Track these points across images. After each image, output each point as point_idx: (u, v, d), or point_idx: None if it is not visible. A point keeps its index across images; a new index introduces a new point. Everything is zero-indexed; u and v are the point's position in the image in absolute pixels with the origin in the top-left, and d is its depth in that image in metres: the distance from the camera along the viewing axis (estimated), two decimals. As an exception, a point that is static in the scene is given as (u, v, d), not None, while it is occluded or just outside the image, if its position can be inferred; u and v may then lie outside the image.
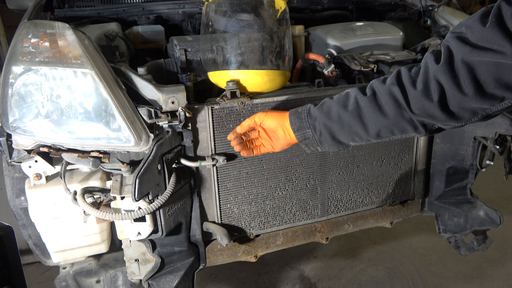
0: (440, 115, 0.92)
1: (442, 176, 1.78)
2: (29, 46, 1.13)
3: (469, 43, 0.84)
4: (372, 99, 1.00)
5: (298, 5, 2.09)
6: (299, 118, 1.15)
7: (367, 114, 1.01)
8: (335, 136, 1.09)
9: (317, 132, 1.11)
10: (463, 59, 0.84)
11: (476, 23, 0.83)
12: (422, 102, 0.92)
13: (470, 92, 0.85)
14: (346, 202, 1.69)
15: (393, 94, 0.96)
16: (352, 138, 1.08)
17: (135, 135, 1.17)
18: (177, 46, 1.55)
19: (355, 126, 1.04)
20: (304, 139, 1.15)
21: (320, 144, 1.13)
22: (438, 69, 0.88)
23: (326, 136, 1.10)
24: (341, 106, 1.06)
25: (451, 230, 1.89)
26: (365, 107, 1.01)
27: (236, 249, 1.59)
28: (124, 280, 1.56)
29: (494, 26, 0.79)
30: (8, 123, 1.12)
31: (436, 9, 1.98)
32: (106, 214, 1.17)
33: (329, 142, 1.11)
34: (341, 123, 1.06)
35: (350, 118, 1.04)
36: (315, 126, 1.11)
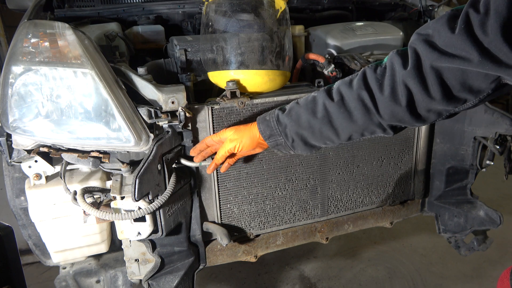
0: (408, 119, 0.94)
1: (442, 176, 1.78)
2: (29, 46, 1.13)
3: (437, 49, 0.85)
4: (341, 105, 1.01)
5: (298, 5, 2.09)
6: (268, 126, 1.16)
7: (337, 120, 1.03)
8: (307, 141, 1.11)
9: (289, 138, 1.13)
10: (431, 65, 0.87)
11: (444, 28, 0.84)
12: (390, 107, 0.94)
13: (437, 96, 0.88)
14: (346, 202, 1.69)
15: (362, 99, 0.97)
16: (324, 142, 1.10)
17: (135, 135, 1.17)
18: (177, 46, 1.55)
19: (326, 132, 1.06)
20: (276, 145, 1.17)
21: (292, 148, 1.15)
22: (406, 74, 0.90)
23: (298, 142, 1.12)
24: (310, 113, 1.07)
25: (451, 230, 1.89)
26: (334, 113, 1.02)
27: (236, 249, 1.59)
28: (124, 280, 1.56)
29: (462, 34, 0.80)
30: (8, 123, 1.12)
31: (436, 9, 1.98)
32: (106, 214, 1.17)
33: (302, 147, 1.13)
34: (311, 130, 1.08)
35: (320, 124, 1.05)
36: (286, 133, 1.12)
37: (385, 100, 0.94)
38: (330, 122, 1.04)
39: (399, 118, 0.96)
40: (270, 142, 1.17)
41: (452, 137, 1.70)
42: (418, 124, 0.97)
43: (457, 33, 0.81)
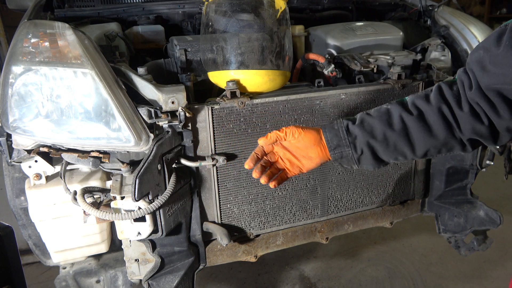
0: (488, 136, 0.92)
1: (442, 176, 1.78)
2: (29, 46, 1.13)
3: (487, 69, 0.84)
4: (420, 119, 0.97)
5: (298, 5, 2.09)
6: (336, 135, 1.06)
7: (415, 134, 0.98)
8: (378, 155, 1.04)
9: (357, 151, 1.04)
10: (487, 86, 0.85)
11: (492, 46, 0.83)
12: (472, 123, 0.91)
13: (506, 115, 0.86)
14: (346, 202, 1.69)
15: (443, 113, 0.94)
16: (396, 157, 1.03)
17: (135, 135, 1.17)
18: (177, 46, 1.55)
19: (402, 146, 1.00)
20: (341, 157, 1.06)
21: (358, 162, 1.06)
22: (473, 95, 0.88)
23: (367, 155, 1.04)
24: (385, 124, 1.01)
25: (451, 230, 1.89)
26: (413, 127, 0.98)
27: (236, 249, 1.59)
28: (124, 280, 1.56)
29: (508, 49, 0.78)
30: (8, 123, 1.12)
31: (436, 9, 1.98)
32: (106, 214, 1.17)
33: (370, 161, 1.05)
34: (386, 143, 1.01)
35: (396, 138, 1.00)
36: (355, 144, 1.04)
37: (465, 116, 0.92)
38: (408, 136, 0.99)
39: (481, 134, 0.92)
40: (335, 153, 1.06)
41: (452, 137, 1.70)
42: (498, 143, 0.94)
43: (502, 49, 0.80)
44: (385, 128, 1.01)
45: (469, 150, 0.98)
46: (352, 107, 1.55)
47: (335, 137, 1.06)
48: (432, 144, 0.98)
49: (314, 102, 1.49)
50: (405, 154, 1.02)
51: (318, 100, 1.50)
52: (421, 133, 0.97)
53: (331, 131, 1.07)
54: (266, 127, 1.45)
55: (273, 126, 1.46)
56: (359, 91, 1.54)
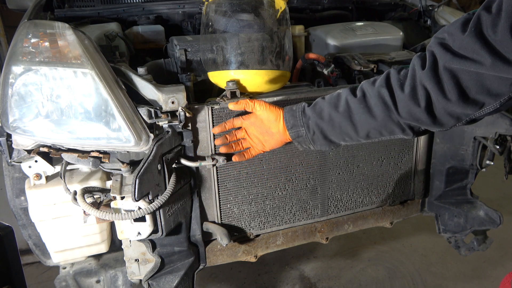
0: (426, 120, 0.94)
1: (442, 176, 1.78)
2: (29, 46, 1.13)
3: (450, 51, 0.85)
4: (362, 101, 1.03)
5: (298, 5, 2.09)
6: (293, 116, 1.16)
7: (357, 115, 1.04)
8: (327, 136, 1.12)
9: (310, 131, 1.14)
10: (445, 66, 0.87)
11: (457, 31, 0.84)
12: (409, 106, 0.95)
13: (453, 97, 0.88)
14: (346, 202, 1.69)
15: (382, 96, 0.98)
16: (343, 138, 1.11)
17: (135, 135, 1.17)
18: (177, 46, 1.55)
19: (346, 127, 1.07)
20: (297, 136, 1.17)
21: (312, 142, 1.15)
22: (423, 74, 0.90)
23: (318, 135, 1.13)
24: (332, 106, 1.08)
25: (451, 230, 1.89)
26: (355, 108, 1.04)
27: (236, 249, 1.59)
28: (124, 280, 1.56)
29: (473, 35, 0.80)
30: (8, 123, 1.12)
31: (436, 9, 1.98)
32: (106, 214, 1.17)
33: (321, 141, 1.14)
34: (332, 124, 1.09)
35: (341, 119, 1.07)
36: (308, 125, 1.13)
37: (404, 99, 0.95)
38: (350, 117, 1.05)
39: (417, 117, 0.96)
40: (292, 132, 1.17)
41: (452, 137, 1.70)
42: (436, 127, 0.97)
43: (467, 35, 0.81)
44: (331, 110, 1.08)
45: (409, 134, 1.01)
46: (352, 107, 1.55)
47: (292, 117, 1.17)
48: (372, 126, 1.03)
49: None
50: (350, 135, 1.08)
51: (318, 100, 1.50)
52: (361, 115, 1.03)
53: (290, 111, 1.18)
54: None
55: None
56: (359, 91, 1.54)
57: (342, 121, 1.07)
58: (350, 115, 1.05)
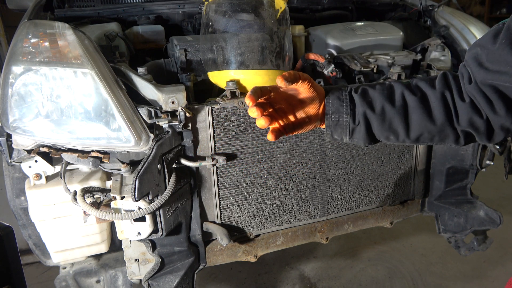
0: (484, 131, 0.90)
1: (442, 176, 1.78)
2: (29, 46, 1.13)
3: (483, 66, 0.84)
4: (422, 101, 0.94)
5: (298, 5, 2.09)
6: (339, 99, 0.97)
7: (414, 114, 0.94)
8: (370, 130, 0.98)
9: (356, 120, 0.97)
10: (482, 82, 0.85)
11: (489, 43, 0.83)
12: (470, 115, 0.90)
13: (502, 112, 0.85)
14: (346, 202, 1.69)
15: (445, 99, 0.92)
16: (387, 135, 0.98)
17: (135, 135, 1.17)
18: (177, 46, 1.55)
19: (397, 124, 0.95)
20: (336, 124, 0.98)
21: (350, 134, 0.99)
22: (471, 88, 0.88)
23: (361, 128, 0.97)
24: (386, 99, 0.96)
25: (451, 230, 1.89)
26: (414, 107, 0.94)
27: (236, 249, 1.59)
28: (124, 280, 1.56)
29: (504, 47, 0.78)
30: (8, 123, 1.12)
31: (436, 9, 1.98)
32: (106, 214, 1.17)
33: (362, 135, 0.98)
34: (382, 118, 0.96)
35: (394, 114, 0.95)
36: (355, 113, 0.97)
37: (465, 107, 0.90)
38: (406, 115, 0.95)
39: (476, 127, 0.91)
40: (332, 118, 0.98)
41: (452, 137, 1.70)
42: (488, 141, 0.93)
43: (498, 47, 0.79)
44: (385, 102, 0.96)
45: (461, 143, 0.96)
46: (352, 107, 1.55)
47: (337, 100, 0.98)
48: (428, 129, 0.95)
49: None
50: (398, 134, 0.97)
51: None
52: (420, 115, 0.94)
53: (335, 92, 0.99)
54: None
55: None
56: (359, 91, 1.54)
57: (395, 117, 0.95)
58: (406, 113, 0.94)
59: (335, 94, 0.98)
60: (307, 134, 1.52)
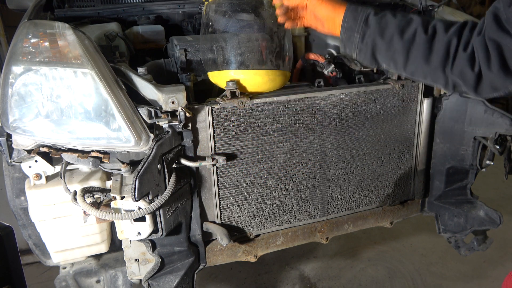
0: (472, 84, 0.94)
1: (442, 176, 1.78)
2: (29, 46, 1.13)
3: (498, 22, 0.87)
4: (429, 40, 0.99)
5: (298, 5, 2.09)
6: (354, 19, 1.10)
7: (416, 51, 1.01)
8: (375, 53, 1.08)
9: (364, 41, 1.08)
10: (489, 36, 0.88)
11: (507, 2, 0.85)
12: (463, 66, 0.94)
13: (495, 68, 0.88)
14: (346, 202, 1.69)
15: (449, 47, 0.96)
16: (389, 62, 1.07)
17: (135, 135, 1.17)
18: (177, 46, 1.55)
19: (399, 55, 1.03)
20: (348, 40, 1.12)
21: (358, 52, 1.11)
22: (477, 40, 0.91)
23: (368, 49, 1.08)
24: (398, 30, 1.03)
25: (451, 230, 1.89)
26: (419, 44, 1.00)
27: (236, 249, 1.59)
28: (124, 280, 1.56)
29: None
30: (8, 123, 1.12)
31: (436, 9, 1.98)
32: (106, 214, 1.17)
33: (367, 55, 1.10)
34: (389, 46, 1.04)
35: (399, 46, 1.03)
36: (365, 34, 1.08)
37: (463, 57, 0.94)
38: (409, 49, 1.02)
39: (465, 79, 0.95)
40: (345, 34, 1.12)
41: (452, 137, 1.70)
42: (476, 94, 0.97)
43: None
44: (396, 32, 1.03)
45: (450, 89, 1.02)
46: (352, 107, 1.55)
47: (353, 20, 1.10)
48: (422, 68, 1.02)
49: (314, 102, 1.49)
50: (397, 63, 1.06)
51: (318, 100, 1.50)
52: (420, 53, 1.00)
53: (353, 12, 1.11)
54: (266, 127, 1.45)
55: (273, 126, 1.46)
56: (359, 91, 1.54)
57: (400, 48, 1.03)
58: (410, 47, 1.01)
59: (353, 13, 1.11)
60: (307, 134, 1.52)
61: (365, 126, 1.60)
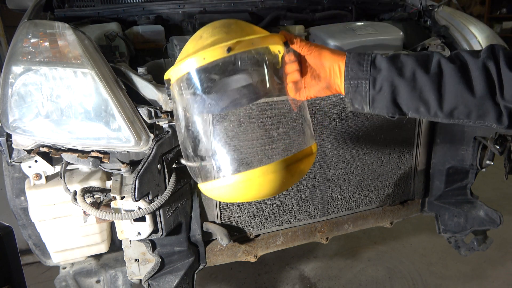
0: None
1: (442, 176, 1.78)
2: (29, 46, 1.13)
3: None
4: (460, 69, 0.85)
5: (298, 5, 2.09)
6: (359, 63, 0.92)
7: (449, 83, 0.86)
8: (397, 99, 0.90)
9: (376, 87, 0.90)
10: None
11: None
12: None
13: None
14: (346, 202, 1.69)
15: (488, 69, 0.83)
16: (417, 107, 0.89)
17: (135, 135, 1.17)
18: (177, 46, 1.55)
19: (429, 93, 0.87)
20: (354, 91, 0.93)
21: (371, 102, 0.92)
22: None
23: (385, 95, 0.90)
24: (419, 65, 0.88)
25: (451, 230, 1.89)
26: (450, 75, 0.86)
27: (236, 249, 1.59)
28: (124, 280, 1.56)
29: None
30: (8, 123, 1.12)
31: (436, 9, 1.98)
32: (106, 214, 1.17)
33: (386, 103, 0.91)
34: (413, 84, 0.88)
35: (427, 81, 0.87)
36: (376, 78, 0.90)
37: None
38: (440, 83, 0.86)
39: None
40: (351, 84, 0.92)
41: (452, 137, 1.70)
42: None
43: None
44: (418, 67, 0.88)
45: (504, 122, 0.85)
46: (352, 107, 1.55)
47: (357, 64, 0.92)
48: (464, 101, 0.85)
49: (314, 102, 1.49)
50: (429, 104, 0.88)
51: (318, 100, 1.50)
52: (457, 84, 0.85)
53: (356, 57, 0.94)
54: (266, 127, 1.45)
55: (273, 126, 1.46)
56: (359, 91, 1.54)
57: (427, 84, 0.86)
58: (441, 81, 0.86)
59: (355, 58, 0.93)
60: (307, 134, 1.52)
61: (365, 126, 1.61)
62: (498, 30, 6.55)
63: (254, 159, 1.05)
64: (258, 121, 1.08)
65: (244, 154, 1.05)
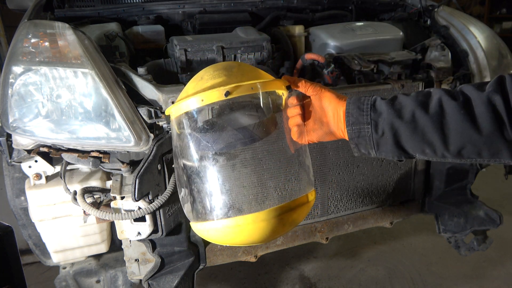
0: None
1: (442, 176, 1.78)
2: (29, 46, 1.13)
3: None
4: (463, 106, 0.79)
5: (298, 5, 2.09)
6: (359, 108, 0.90)
7: (452, 122, 0.80)
8: (400, 142, 0.86)
9: (378, 131, 0.88)
10: None
11: None
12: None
13: None
14: (346, 202, 1.69)
15: (494, 104, 0.76)
16: (422, 149, 0.85)
17: (135, 135, 1.17)
18: (177, 46, 1.55)
19: (432, 134, 0.82)
20: (358, 136, 0.90)
21: (376, 147, 0.89)
22: None
23: (388, 139, 0.87)
24: (418, 105, 0.84)
25: (451, 230, 1.89)
26: (452, 113, 0.80)
27: (236, 249, 1.59)
28: (124, 280, 1.56)
29: None
30: (8, 123, 1.12)
31: (436, 9, 1.98)
32: (106, 214, 1.17)
33: (390, 147, 0.88)
34: (414, 127, 0.84)
35: (427, 122, 0.82)
36: (377, 123, 0.88)
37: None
38: (442, 123, 0.81)
39: None
40: (353, 130, 0.90)
41: (452, 137, 1.70)
42: None
43: None
44: (416, 108, 0.83)
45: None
46: (352, 107, 1.55)
47: (357, 110, 0.90)
48: (471, 140, 0.79)
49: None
50: (434, 146, 0.83)
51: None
52: (460, 123, 0.79)
53: (355, 102, 0.91)
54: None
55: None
56: (359, 91, 1.54)
57: (429, 125, 0.82)
58: (443, 121, 0.80)
59: (355, 103, 0.91)
60: (307, 134, 1.52)
61: (365, 126, 1.60)
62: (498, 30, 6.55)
63: (245, 204, 1.01)
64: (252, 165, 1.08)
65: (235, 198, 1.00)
